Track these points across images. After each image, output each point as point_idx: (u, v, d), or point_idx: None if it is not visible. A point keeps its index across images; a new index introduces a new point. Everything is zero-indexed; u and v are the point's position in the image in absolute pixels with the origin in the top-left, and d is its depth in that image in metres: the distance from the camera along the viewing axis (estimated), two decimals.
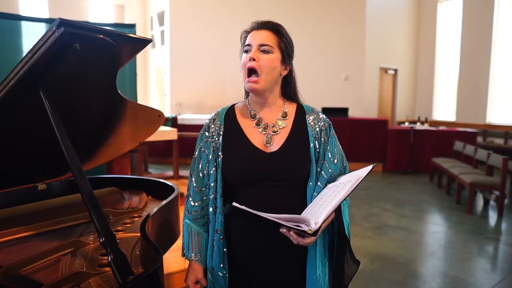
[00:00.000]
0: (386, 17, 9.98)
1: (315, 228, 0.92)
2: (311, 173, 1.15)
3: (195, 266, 1.23)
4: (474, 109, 9.24)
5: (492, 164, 4.97)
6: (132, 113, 1.79)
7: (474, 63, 9.22)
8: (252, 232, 1.15)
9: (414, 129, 7.29)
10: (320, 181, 1.16)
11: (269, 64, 1.11)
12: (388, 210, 4.91)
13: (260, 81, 1.11)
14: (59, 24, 0.91)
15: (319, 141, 1.18)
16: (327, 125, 1.21)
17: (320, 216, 0.95)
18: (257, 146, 1.16)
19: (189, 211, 1.22)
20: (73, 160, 1.09)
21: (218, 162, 1.17)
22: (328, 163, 1.17)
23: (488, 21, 8.87)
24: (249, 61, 1.10)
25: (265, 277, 1.18)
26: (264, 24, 1.14)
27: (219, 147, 1.17)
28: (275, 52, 1.12)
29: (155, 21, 10.63)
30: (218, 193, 1.16)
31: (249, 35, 1.15)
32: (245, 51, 1.14)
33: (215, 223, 1.18)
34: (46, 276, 1.16)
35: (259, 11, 9.18)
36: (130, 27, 5.14)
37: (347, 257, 1.17)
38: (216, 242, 1.17)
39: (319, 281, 1.15)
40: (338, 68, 9.59)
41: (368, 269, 3.18)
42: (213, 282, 1.20)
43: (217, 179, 1.17)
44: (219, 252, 1.17)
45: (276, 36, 1.14)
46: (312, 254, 1.15)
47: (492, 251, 3.70)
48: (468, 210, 4.76)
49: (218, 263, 1.18)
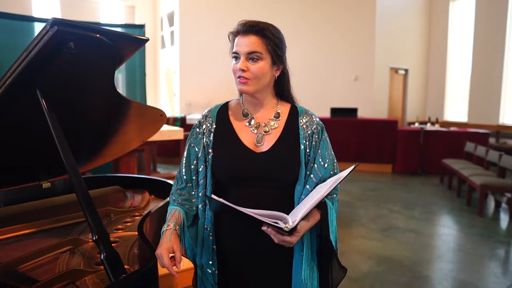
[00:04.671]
0: (397, 16, 9.88)
1: (291, 226, 0.91)
2: (299, 175, 1.14)
3: (170, 234, 1.09)
4: (486, 109, 9.07)
5: (504, 166, 4.87)
6: (135, 112, 1.81)
7: (487, 62, 9.05)
8: (240, 229, 1.15)
9: (424, 130, 7.19)
10: (309, 184, 1.14)
11: (259, 71, 1.09)
12: (397, 211, 4.85)
13: (250, 84, 1.10)
14: (53, 23, 0.92)
15: (310, 144, 1.17)
16: (319, 128, 1.20)
17: (298, 215, 0.94)
18: (247, 146, 1.15)
19: (175, 199, 1.21)
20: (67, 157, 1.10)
21: (208, 160, 1.17)
22: (318, 166, 1.15)
23: (502, 20, 8.70)
24: (239, 70, 1.09)
25: (253, 274, 1.17)
26: (250, 28, 1.08)
27: (210, 145, 1.17)
28: (264, 57, 1.09)
29: (165, 21, 10.72)
30: (208, 190, 1.16)
31: (236, 40, 1.11)
32: (234, 57, 1.12)
33: (205, 220, 1.18)
34: (43, 273, 1.17)
35: (267, 11, 9.18)
36: (140, 27, 5.19)
37: (334, 264, 1.16)
38: (206, 239, 1.17)
39: (305, 284, 1.13)
40: (348, 68, 9.52)
41: (374, 271, 3.14)
42: (202, 279, 1.19)
43: (206, 177, 1.17)
44: (208, 249, 1.17)
45: (264, 40, 1.09)
46: (297, 256, 1.14)
47: (503, 255, 3.62)
48: (479, 212, 4.68)
49: (207, 260, 1.17)
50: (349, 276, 3.04)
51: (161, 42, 11.12)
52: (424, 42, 10.73)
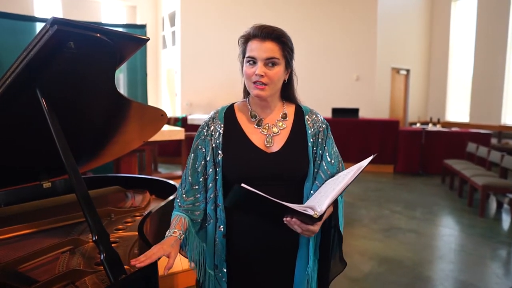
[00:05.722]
0: (398, 16, 9.86)
1: (320, 212, 0.95)
2: (308, 173, 1.19)
3: (174, 241, 1.08)
4: (488, 110, 9.04)
5: (506, 166, 4.85)
6: (136, 112, 1.80)
7: (488, 62, 9.02)
8: (252, 227, 1.18)
9: (426, 130, 7.18)
10: (318, 180, 1.19)
11: (276, 76, 1.13)
12: (398, 212, 4.84)
13: (267, 89, 1.13)
14: (53, 22, 0.91)
15: (316, 142, 1.21)
16: (324, 126, 1.24)
17: (324, 203, 0.98)
18: (258, 146, 1.18)
19: (181, 205, 1.22)
20: (67, 157, 1.10)
21: (218, 161, 1.18)
22: (326, 163, 1.20)
23: (504, 20, 8.67)
24: (255, 76, 1.11)
25: (260, 270, 1.21)
26: (268, 35, 1.11)
27: (219, 146, 1.18)
28: (280, 63, 1.13)
29: (167, 21, 10.72)
30: (219, 191, 1.18)
31: (252, 45, 1.12)
32: (248, 61, 1.13)
33: (217, 221, 1.20)
34: (43, 274, 1.17)
35: (270, 11, 9.17)
36: (141, 27, 5.18)
37: (336, 256, 1.21)
38: (219, 239, 1.19)
39: (307, 277, 1.19)
40: (349, 68, 9.50)
41: (375, 271, 3.13)
42: (215, 277, 1.22)
43: (216, 178, 1.18)
44: (222, 249, 1.20)
45: (281, 46, 1.12)
46: (302, 250, 1.19)
47: (505, 256, 3.61)
48: (481, 213, 4.66)
49: (221, 260, 1.20)
50: (350, 276, 3.03)
51: (163, 42, 11.12)
52: (425, 42, 10.71)
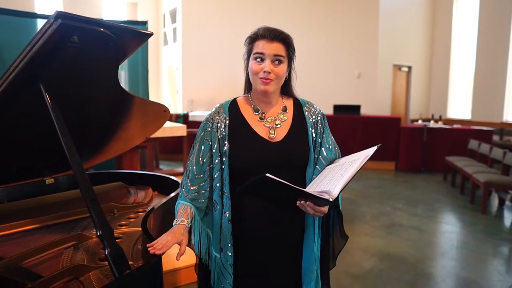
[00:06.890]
0: (400, 13, 9.81)
1: (335, 196, 1.03)
2: (309, 159, 1.29)
3: (184, 229, 1.15)
4: (490, 107, 9.01)
5: (508, 163, 4.84)
6: (138, 108, 1.80)
7: (490, 60, 8.99)
8: (259, 211, 1.26)
9: (427, 127, 7.16)
10: (319, 165, 1.31)
11: (281, 73, 1.24)
12: (400, 209, 4.83)
13: (272, 84, 1.23)
14: (57, 16, 0.91)
15: (316, 131, 1.33)
16: (321, 116, 1.36)
17: (336, 187, 1.06)
18: (263, 136, 1.27)
19: (186, 193, 1.27)
20: (71, 152, 1.09)
21: (225, 152, 1.25)
22: (325, 149, 1.33)
23: (506, 17, 8.63)
24: (263, 72, 1.20)
25: (269, 253, 1.29)
26: (276, 36, 1.22)
27: (225, 137, 1.26)
28: (285, 61, 1.24)
29: (168, 18, 10.69)
30: (226, 179, 1.25)
31: (259, 44, 1.22)
32: (256, 58, 1.22)
33: (223, 207, 1.26)
34: (47, 269, 1.17)
35: (271, 8, 9.14)
36: (142, 24, 5.17)
37: (337, 232, 1.34)
38: (225, 224, 1.26)
39: (314, 255, 1.29)
40: (351, 65, 9.48)
41: (377, 268, 3.13)
42: (221, 261, 1.27)
43: (222, 168, 1.25)
44: (228, 233, 1.26)
45: (286, 46, 1.24)
46: (309, 231, 1.29)
47: (507, 253, 3.60)
48: (482, 210, 4.65)
49: (226, 243, 1.26)
50: (352, 273, 3.03)
51: (164, 39, 11.10)
52: (427, 39, 10.66)
